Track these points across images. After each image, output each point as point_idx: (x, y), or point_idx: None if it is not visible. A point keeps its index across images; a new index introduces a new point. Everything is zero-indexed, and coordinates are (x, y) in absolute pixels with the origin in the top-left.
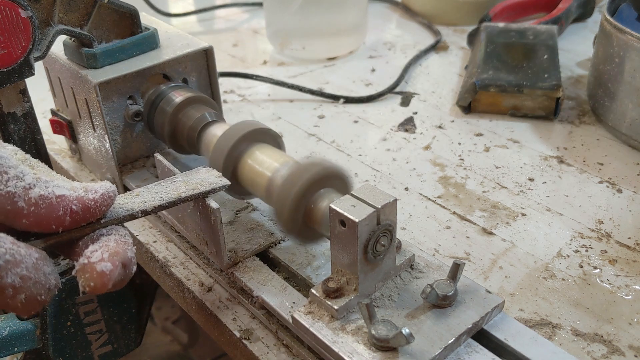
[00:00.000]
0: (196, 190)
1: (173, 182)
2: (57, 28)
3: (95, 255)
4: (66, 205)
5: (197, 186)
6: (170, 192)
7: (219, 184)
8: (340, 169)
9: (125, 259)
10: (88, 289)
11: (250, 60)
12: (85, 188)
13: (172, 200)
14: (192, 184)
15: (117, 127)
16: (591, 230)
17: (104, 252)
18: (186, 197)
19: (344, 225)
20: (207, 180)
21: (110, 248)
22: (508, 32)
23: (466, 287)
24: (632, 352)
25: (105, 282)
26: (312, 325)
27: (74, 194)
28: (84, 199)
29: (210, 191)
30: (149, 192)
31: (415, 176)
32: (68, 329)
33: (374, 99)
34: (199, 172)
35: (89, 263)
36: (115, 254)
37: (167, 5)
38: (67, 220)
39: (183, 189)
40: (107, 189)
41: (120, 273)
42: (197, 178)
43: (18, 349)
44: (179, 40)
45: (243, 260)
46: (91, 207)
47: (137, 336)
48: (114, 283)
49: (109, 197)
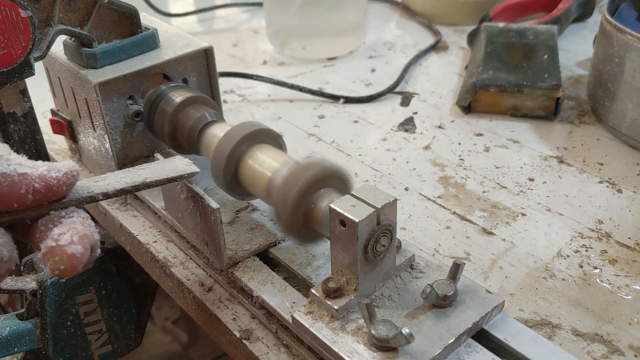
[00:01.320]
0: (162, 176)
1: (141, 169)
2: (57, 28)
3: (64, 238)
4: (28, 183)
5: (164, 172)
6: (135, 177)
7: (187, 171)
8: (340, 169)
9: (93, 241)
10: (57, 272)
11: (250, 60)
12: (48, 166)
13: (135, 185)
14: (160, 170)
15: (117, 127)
16: (591, 230)
17: (73, 235)
18: (150, 182)
19: (344, 225)
20: (175, 168)
21: (79, 231)
22: (508, 32)
23: (466, 287)
24: (632, 352)
25: (75, 265)
26: (312, 325)
27: (37, 172)
28: (46, 177)
29: (177, 177)
30: (115, 176)
31: (415, 176)
32: (68, 329)
33: (374, 99)
34: (170, 161)
35: (58, 245)
36: (85, 236)
37: (167, 5)
38: (30, 198)
39: (149, 174)
40: (70, 168)
41: (89, 255)
42: (166, 166)
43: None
44: (179, 40)
45: (243, 260)
46: (54, 185)
47: (137, 336)
48: (84, 266)
49: (72, 177)
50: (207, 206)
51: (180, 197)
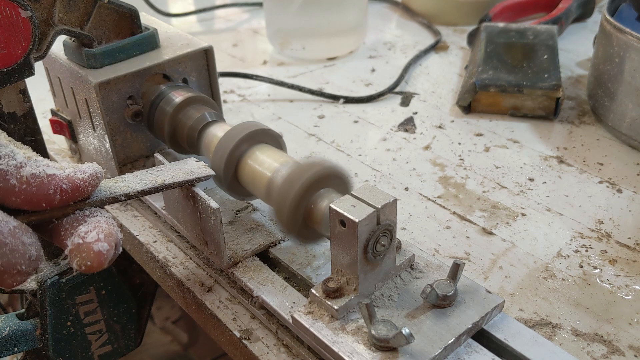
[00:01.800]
0: (179, 178)
1: (159, 170)
2: (57, 28)
3: (90, 236)
4: (56, 184)
5: (181, 175)
6: (154, 179)
7: (203, 174)
8: (340, 169)
9: (117, 239)
10: (84, 267)
11: (250, 60)
12: (75, 168)
13: (155, 187)
14: (177, 172)
15: (117, 127)
16: (591, 230)
17: (99, 233)
18: (169, 184)
19: (344, 225)
20: (192, 170)
21: (104, 229)
22: (508, 32)
23: (466, 287)
24: (632, 352)
25: (102, 261)
26: (312, 325)
27: (64, 173)
28: (73, 178)
29: (194, 180)
30: (134, 177)
31: (415, 176)
32: (68, 329)
33: (374, 99)
34: (186, 163)
35: (85, 243)
36: (110, 234)
37: (167, 5)
38: (57, 198)
39: (167, 176)
40: (94, 170)
41: (113, 253)
42: (183, 167)
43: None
44: (179, 40)
45: (243, 260)
46: (80, 186)
47: (137, 336)
48: (109, 263)
49: (96, 178)
50: (207, 206)
51: (180, 197)
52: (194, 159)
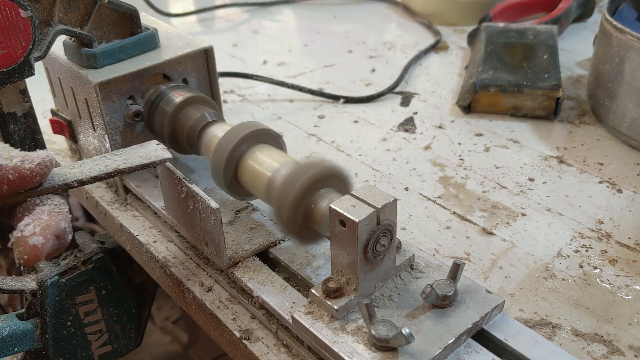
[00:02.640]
0: (135, 162)
1: (117, 154)
2: (57, 28)
3: (28, 229)
4: (2, 175)
5: (137, 159)
6: (110, 164)
7: (160, 157)
8: (340, 169)
9: (58, 230)
10: (22, 261)
11: (250, 60)
12: (23, 157)
13: (109, 172)
14: (134, 157)
15: (117, 127)
16: (591, 230)
17: (36, 226)
18: (123, 169)
19: (344, 225)
20: (149, 154)
21: (43, 221)
22: (508, 32)
23: (466, 287)
24: (632, 352)
25: (38, 254)
26: (312, 325)
27: (11, 163)
28: (20, 168)
29: (149, 164)
30: (91, 162)
31: (415, 176)
32: (68, 329)
33: (374, 99)
34: (145, 146)
35: (22, 236)
36: (47, 227)
37: (167, 5)
38: (4, 188)
39: (123, 161)
40: (43, 158)
41: (53, 244)
42: (140, 151)
43: (18, 349)
44: (179, 40)
45: (243, 260)
46: (27, 176)
47: (137, 336)
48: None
49: (45, 167)
50: (207, 206)
51: (180, 197)
52: (155, 142)
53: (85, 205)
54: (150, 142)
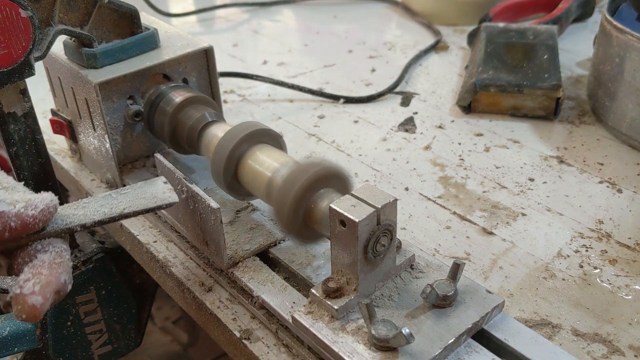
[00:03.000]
0: (140, 206)
1: (122, 194)
2: (57, 28)
3: (27, 286)
4: (4, 222)
5: (143, 201)
6: (114, 207)
7: (167, 201)
8: (340, 169)
9: (57, 285)
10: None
11: (250, 60)
12: (26, 203)
13: (113, 216)
14: (140, 198)
15: (117, 127)
16: (591, 230)
17: (35, 284)
18: (128, 213)
19: (344, 225)
20: (156, 195)
21: (42, 279)
22: (508, 32)
23: (466, 287)
24: (632, 352)
25: (36, 314)
26: (312, 325)
27: (13, 210)
28: (22, 216)
29: (155, 208)
30: (95, 203)
31: (415, 176)
32: (68, 329)
33: (374, 99)
34: (152, 185)
35: (21, 294)
36: (47, 284)
37: (167, 5)
38: (6, 235)
39: (128, 203)
40: (47, 204)
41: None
42: (147, 192)
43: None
44: (179, 40)
45: (243, 260)
46: (29, 223)
47: (137, 336)
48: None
49: (48, 213)
50: (207, 206)
51: (180, 197)
52: (162, 179)
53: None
54: (157, 181)
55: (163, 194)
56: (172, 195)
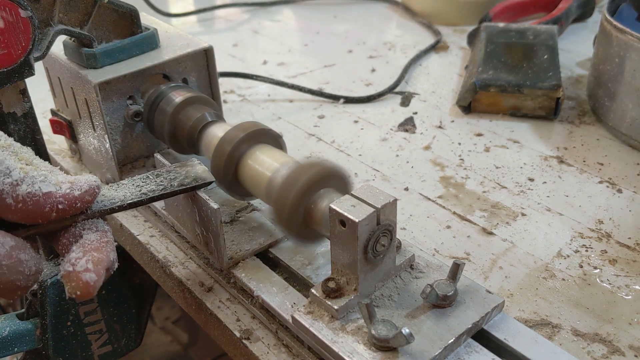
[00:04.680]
0: (180, 186)
1: (158, 175)
2: (57, 28)
3: (80, 264)
4: (53, 202)
5: (181, 180)
6: (153, 187)
7: (204, 180)
8: (340, 169)
9: (108, 263)
10: (74, 296)
11: (250, 60)
12: (72, 184)
13: (153, 196)
14: (177, 178)
15: (117, 127)
16: (591, 230)
17: (88, 262)
18: (167, 193)
19: (344, 225)
20: (192, 175)
21: (94, 256)
22: (508, 32)
23: (466, 287)
24: (632, 352)
25: (90, 291)
26: (312, 325)
27: (60, 191)
28: (69, 196)
29: (194, 187)
30: (133, 184)
31: (415, 176)
32: (68, 329)
33: (374, 99)
34: (186, 165)
35: (74, 271)
36: (99, 262)
37: (167, 5)
38: (53, 215)
39: (167, 183)
40: (91, 184)
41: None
42: (182, 171)
43: (18, 349)
44: (179, 40)
45: (243, 260)
46: (76, 204)
47: (137, 336)
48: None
49: (93, 193)
50: (207, 206)
51: (180, 197)
52: (196, 160)
53: None
54: (192, 161)
55: (199, 173)
56: (208, 175)
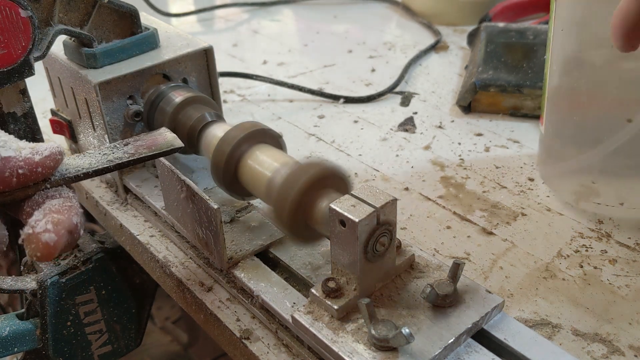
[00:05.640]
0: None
1: (126, 144)
2: (57, 28)
3: (39, 225)
4: (12, 167)
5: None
6: (120, 154)
7: (172, 146)
8: (340, 169)
9: (70, 225)
10: (35, 258)
11: (250, 60)
12: (33, 149)
13: (120, 163)
14: (144, 146)
15: (117, 127)
16: (591, 230)
17: (47, 222)
18: (135, 160)
19: (344, 225)
20: (161, 142)
21: (54, 217)
22: (508, 32)
23: (466, 287)
24: (632, 352)
25: (51, 251)
26: (312, 325)
27: (21, 156)
28: (30, 161)
29: (161, 153)
30: (99, 153)
31: (415, 176)
32: (68, 329)
33: (374, 99)
34: (155, 134)
35: (34, 233)
36: (59, 222)
37: (167, 5)
38: (14, 181)
39: (135, 150)
40: (53, 150)
41: (65, 240)
42: (149, 140)
43: (18, 349)
44: (179, 40)
45: (243, 260)
46: (37, 169)
47: (137, 336)
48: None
49: (55, 159)
50: (207, 206)
51: (180, 197)
52: (165, 129)
53: (85, 205)
54: (160, 130)
55: (167, 140)
56: (177, 141)
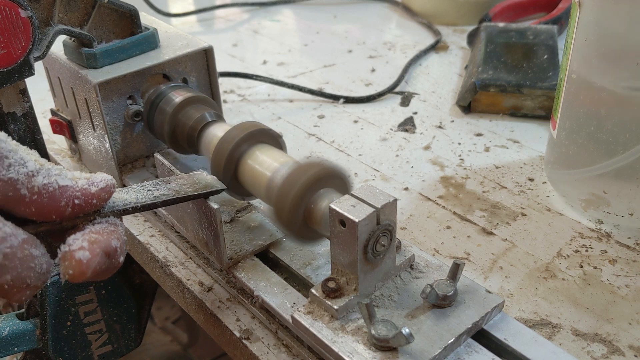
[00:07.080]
0: (192, 191)
1: (168, 182)
2: (57, 28)
3: (75, 243)
4: (69, 197)
5: (192, 188)
6: (165, 192)
7: (215, 187)
8: (340, 169)
9: (108, 247)
10: (67, 276)
11: (250, 60)
12: (88, 180)
13: (166, 200)
14: (188, 185)
15: (117, 127)
16: (591, 230)
17: (84, 240)
18: (180, 198)
19: (343, 225)
20: (203, 182)
21: (92, 237)
22: (508, 32)
23: (466, 287)
24: (632, 352)
25: (83, 270)
26: (312, 325)
27: (77, 186)
28: (86, 192)
29: (207, 194)
30: (143, 189)
31: (415, 176)
32: (68, 329)
33: (374, 99)
34: (196, 175)
35: (69, 251)
36: (96, 242)
37: (167, 5)
38: (68, 211)
39: (179, 188)
40: (107, 182)
41: (101, 262)
42: (192, 179)
43: (18, 349)
44: (179, 40)
45: (243, 260)
46: (92, 200)
47: (137, 336)
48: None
49: (109, 191)
50: (207, 206)
51: None
52: (204, 171)
53: None
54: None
55: (209, 181)
56: (219, 183)
